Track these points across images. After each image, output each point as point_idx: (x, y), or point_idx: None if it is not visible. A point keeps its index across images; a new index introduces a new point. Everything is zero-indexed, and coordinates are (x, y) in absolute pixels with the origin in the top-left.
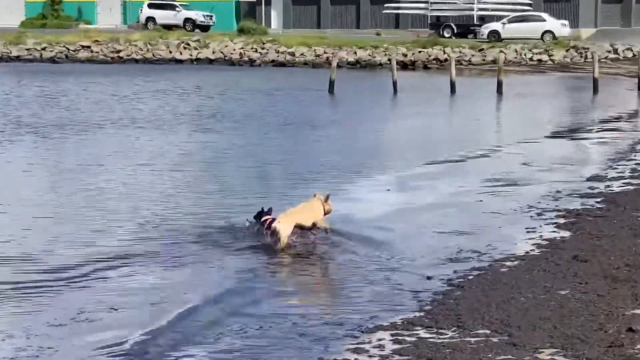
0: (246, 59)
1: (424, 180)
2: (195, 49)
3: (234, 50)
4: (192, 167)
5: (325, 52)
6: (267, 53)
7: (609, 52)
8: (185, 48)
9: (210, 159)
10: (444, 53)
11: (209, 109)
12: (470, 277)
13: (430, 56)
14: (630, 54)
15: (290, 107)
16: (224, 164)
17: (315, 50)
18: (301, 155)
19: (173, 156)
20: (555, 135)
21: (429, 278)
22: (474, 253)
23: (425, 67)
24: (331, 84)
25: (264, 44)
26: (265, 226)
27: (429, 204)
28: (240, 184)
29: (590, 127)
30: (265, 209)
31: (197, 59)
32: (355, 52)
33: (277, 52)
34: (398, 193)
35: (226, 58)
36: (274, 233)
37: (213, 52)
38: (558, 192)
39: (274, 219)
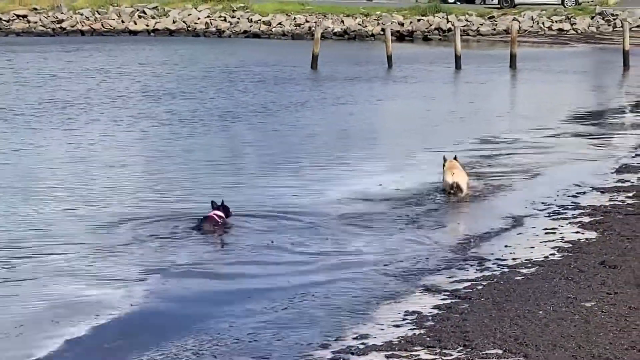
0: (213, 29)
1: (417, 171)
2: (153, 18)
3: (199, 19)
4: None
5: (306, 22)
6: (237, 23)
7: None
8: (140, 17)
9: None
10: (448, 22)
11: (142, 92)
12: (479, 286)
13: (431, 25)
14: None
15: (260, 88)
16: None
17: (295, 19)
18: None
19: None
20: (578, 118)
21: (429, 289)
22: (483, 258)
23: (426, 39)
24: (314, 58)
25: (234, 11)
26: (207, 222)
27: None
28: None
29: (620, 109)
30: (217, 203)
31: (155, 30)
32: (343, 21)
33: (250, 21)
34: (391, 185)
35: (189, 29)
36: (457, 186)
37: (174, 22)
38: (581, 185)
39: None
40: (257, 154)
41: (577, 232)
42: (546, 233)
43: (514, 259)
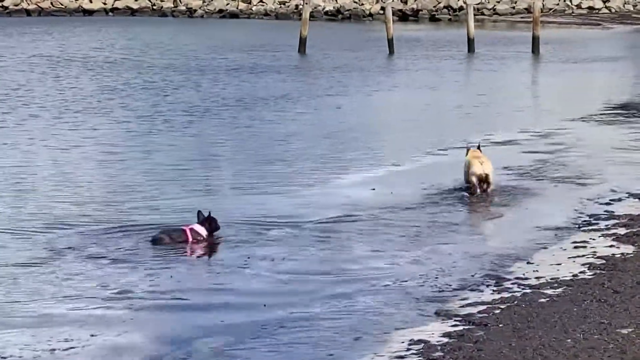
0: (183, 8)
1: (413, 174)
2: None
3: None
4: None
5: None
6: (211, 0)
7: None
8: None
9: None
10: None
11: (95, 83)
12: (497, 310)
13: (439, 3)
14: None
15: (233, 78)
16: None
17: None
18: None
19: None
20: (612, 114)
21: (438, 313)
22: (501, 277)
23: (433, 19)
24: (302, 42)
25: None
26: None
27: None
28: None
29: None
30: (205, 214)
31: (114, 9)
32: None
33: None
34: (385, 190)
35: (155, 7)
36: (487, 179)
37: (136, 0)
38: (616, 190)
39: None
40: (227, 155)
41: (611, 246)
42: (575, 247)
43: (537, 277)
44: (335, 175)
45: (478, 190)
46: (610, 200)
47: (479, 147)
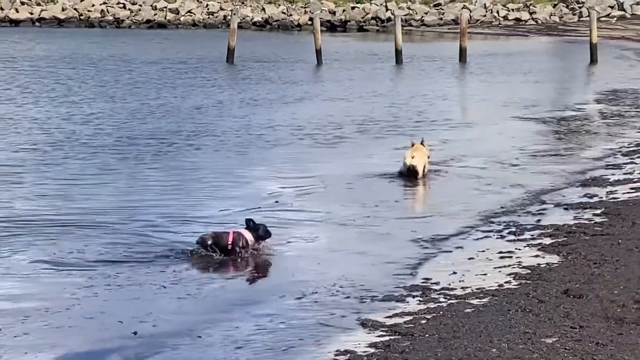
0: (110, 18)
1: (320, 185)
2: (38, 4)
3: (93, 6)
4: None
5: (221, 9)
6: (139, 10)
7: (612, 7)
8: (23, 4)
9: None
10: (387, 10)
11: None
12: (423, 320)
13: (367, 14)
14: None
15: (153, 90)
16: None
17: (207, 6)
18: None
19: None
20: (537, 124)
21: (364, 323)
22: (427, 287)
23: (361, 30)
24: (230, 52)
25: None
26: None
27: (352, 217)
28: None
29: (586, 111)
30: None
31: (41, 19)
32: (264, 9)
33: (154, 9)
34: (296, 206)
35: (82, 17)
36: (413, 169)
37: (63, 10)
38: (541, 201)
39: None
40: (127, 171)
41: (536, 256)
42: (501, 257)
43: (463, 287)
44: (240, 185)
45: (406, 174)
46: (537, 210)
47: (422, 142)
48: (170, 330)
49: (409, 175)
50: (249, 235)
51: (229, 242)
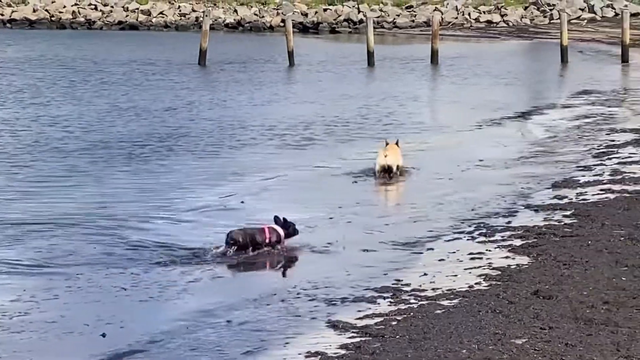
0: (82, 19)
1: (303, 188)
2: (9, 5)
3: (64, 7)
4: None
5: (193, 11)
6: (111, 12)
7: (583, 10)
8: None
9: None
10: (359, 12)
11: None
12: (394, 322)
13: (339, 16)
14: (610, 13)
15: (123, 91)
16: None
17: (179, 8)
18: None
19: None
20: (507, 124)
21: (335, 325)
22: (398, 288)
23: (334, 31)
24: (202, 54)
25: None
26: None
27: (325, 216)
28: None
29: (556, 113)
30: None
31: (12, 20)
32: (236, 11)
33: (126, 10)
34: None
35: (53, 19)
36: (389, 168)
37: (34, 11)
38: (512, 202)
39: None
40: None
41: (506, 257)
42: (471, 258)
43: (434, 289)
44: (206, 186)
45: (379, 177)
46: (507, 211)
47: (397, 143)
48: (130, 335)
49: (382, 174)
50: (281, 232)
51: (266, 238)
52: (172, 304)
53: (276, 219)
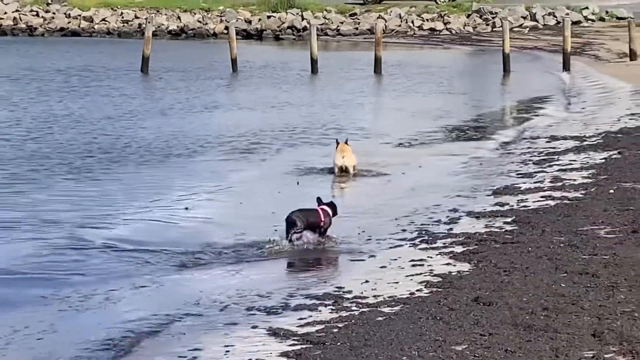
0: (23, 26)
1: (227, 194)
2: None
3: (5, 13)
4: None
5: (136, 18)
6: (53, 18)
7: (525, 18)
8: None
9: None
10: (303, 19)
11: None
12: (335, 329)
13: (283, 23)
14: (552, 21)
15: (62, 99)
16: None
17: (122, 14)
18: None
19: None
20: (449, 131)
21: (276, 332)
22: (339, 296)
23: (277, 38)
24: (144, 61)
25: (48, 5)
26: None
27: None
28: None
29: (498, 120)
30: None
31: None
32: (179, 18)
33: (68, 16)
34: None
35: None
36: (346, 168)
37: None
38: (453, 210)
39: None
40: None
41: (448, 264)
42: (413, 265)
43: (375, 296)
44: (148, 194)
45: (338, 174)
46: (448, 218)
47: (346, 142)
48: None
49: (340, 174)
50: (330, 213)
51: (321, 220)
52: (102, 312)
53: (319, 201)
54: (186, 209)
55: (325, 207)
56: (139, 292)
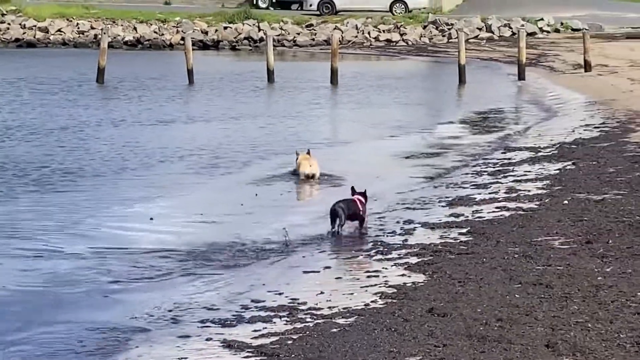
0: None
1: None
2: None
3: None
4: None
5: (92, 28)
6: (7, 29)
7: (481, 29)
8: None
9: None
10: (259, 30)
11: None
12: (289, 341)
13: (240, 34)
14: (508, 32)
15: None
16: None
17: (78, 25)
18: None
19: None
20: (405, 142)
21: (230, 345)
22: (294, 307)
23: (234, 49)
24: (100, 72)
25: (3, 15)
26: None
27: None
28: None
29: (453, 131)
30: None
31: None
32: (135, 29)
33: (23, 27)
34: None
35: None
36: (313, 176)
37: None
38: (408, 221)
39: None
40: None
41: (402, 275)
42: (368, 276)
43: (330, 307)
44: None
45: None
46: (403, 229)
47: (308, 152)
48: None
49: (306, 180)
50: (364, 201)
51: (360, 210)
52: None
53: (353, 190)
54: (151, 219)
55: (359, 196)
56: (94, 302)
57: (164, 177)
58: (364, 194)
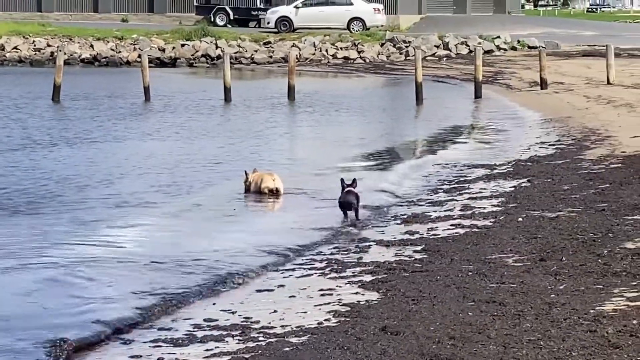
0: None
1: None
2: None
3: None
4: None
5: (48, 46)
6: None
7: (438, 47)
8: None
9: None
10: (217, 47)
11: None
12: None
13: (197, 51)
14: (465, 50)
15: None
16: None
17: (34, 42)
18: None
19: None
20: (363, 160)
21: None
22: (246, 326)
23: (191, 66)
24: (56, 89)
25: None
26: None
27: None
28: None
29: (410, 149)
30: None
31: None
32: (92, 46)
33: None
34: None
35: None
36: (277, 190)
37: None
38: (363, 239)
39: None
40: None
41: (356, 293)
42: (322, 295)
43: (282, 326)
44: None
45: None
46: (358, 247)
47: (254, 171)
48: None
49: (269, 195)
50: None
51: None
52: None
53: (343, 182)
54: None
55: (352, 188)
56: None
57: (128, 197)
58: (354, 184)
